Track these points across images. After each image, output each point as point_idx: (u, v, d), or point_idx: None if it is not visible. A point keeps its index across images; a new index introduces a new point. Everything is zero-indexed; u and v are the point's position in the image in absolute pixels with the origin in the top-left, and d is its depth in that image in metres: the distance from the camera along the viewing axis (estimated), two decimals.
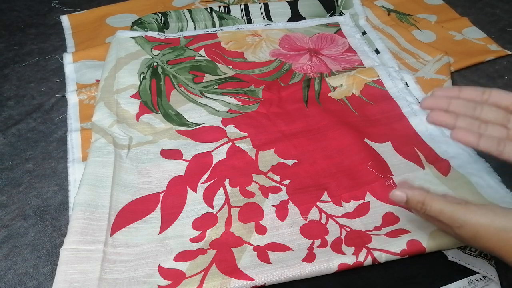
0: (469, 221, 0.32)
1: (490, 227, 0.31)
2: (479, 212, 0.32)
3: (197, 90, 0.63)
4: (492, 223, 0.31)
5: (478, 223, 0.32)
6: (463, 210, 0.33)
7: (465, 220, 0.32)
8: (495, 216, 0.32)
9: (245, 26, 0.75)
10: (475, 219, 0.32)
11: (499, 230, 0.31)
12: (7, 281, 0.44)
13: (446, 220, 0.34)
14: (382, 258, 0.42)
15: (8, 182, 0.53)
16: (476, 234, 0.32)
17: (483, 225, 0.32)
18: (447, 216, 0.34)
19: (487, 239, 0.32)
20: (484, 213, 0.32)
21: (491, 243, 0.32)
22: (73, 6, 0.84)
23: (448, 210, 0.33)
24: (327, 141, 0.55)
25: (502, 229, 0.31)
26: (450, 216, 0.33)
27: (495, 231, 0.31)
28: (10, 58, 0.72)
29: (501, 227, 0.31)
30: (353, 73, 0.65)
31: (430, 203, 0.34)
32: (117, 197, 0.48)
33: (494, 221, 0.31)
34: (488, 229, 0.32)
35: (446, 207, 0.34)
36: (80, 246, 0.43)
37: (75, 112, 0.60)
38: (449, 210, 0.33)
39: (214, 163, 0.53)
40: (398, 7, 0.82)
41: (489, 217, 0.32)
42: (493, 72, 0.68)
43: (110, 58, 0.66)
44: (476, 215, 0.32)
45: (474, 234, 0.32)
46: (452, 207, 0.33)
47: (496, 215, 0.32)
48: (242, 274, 0.41)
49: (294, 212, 0.48)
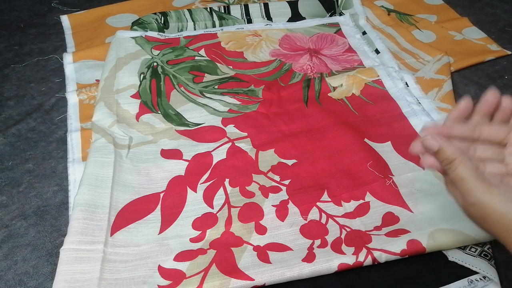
0: (484, 203, 0.31)
1: (503, 217, 0.30)
2: (497, 198, 0.31)
3: (197, 90, 0.63)
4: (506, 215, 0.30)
5: (492, 208, 0.31)
6: (483, 189, 0.31)
7: (480, 200, 0.31)
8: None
9: (245, 26, 0.75)
10: (490, 204, 0.31)
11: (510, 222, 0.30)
12: (7, 281, 0.44)
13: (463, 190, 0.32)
14: (382, 258, 0.42)
15: (8, 182, 0.53)
16: (485, 217, 0.31)
17: (496, 212, 0.30)
18: (465, 187, 0.32)
19: (496, 226, 0.31)
20: (502, 201, 0.30)
21: (498, 231, 0.31)
22: (73, 6, 0.84)
23: (469, 182, 0.31)
24: (327, 141, 0.55)
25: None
26: (468, 188, 0.32)
27: (506, 222, 0.30)
28: (10, 58, 0.72)
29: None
30: (353, 73, 0.65)
31: (457, 165, 0.32)
32: (117, 197, 0.48)
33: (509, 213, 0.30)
34: (500, 218, 0.30)
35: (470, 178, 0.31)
36: (80, 246, 0.43)
37: (75, 112, 0.60)
38: (470, 182, 0.31)
39: (214, 163, 0.53)
40: (398, 7, 0.82)
41: (506, 207, 0.30)
42: (493, 72, 0.68)
43: (110, 58, 0.66)
44: (493, 200, 0.31)
45: (484, 217, 0.31)
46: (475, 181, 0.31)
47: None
48: (242, 274, 0.41)
49: (294, 212, 0.48)
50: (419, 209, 0.47)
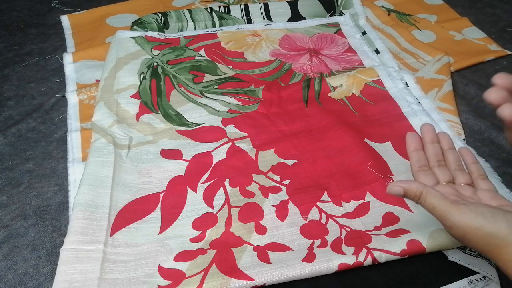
0: (458, 223, 0.33)
1: (478, 232, 0.32)
2: (469, 215, 0.32)
3: (197, 90, 0.63)
4: (481, 228, 0.32)
5: (467, 226, 0.32)
6: (454, 211, 0.33)
7: (455, 222, 0.33)
8: (485, 221, 0.32)
9: (245, 26, 0.75)
10: (464, 222, 0.32)
11: (487, 235, 0.32)
12: (7, 281, 0.44)
13: (438, 217, 0.34)
14: (382, 258, 0.42)
15: (8, 182, 0.53)
16: (464, 236, 0.33)
17: (471, 228, 0.32)
18: (438, 214, 0.34)
19: (475, 242, 0.33)
20: (474, 217, 0.32)
21: (479, 246, 0.33)
22: (73, 6, 0.84)
23: (440, 209, 0.34)
24: (327, 141, 0.55)
25: (489, 235, 0.31)
26: (441, 214, 0.34)
27: (482, 236, 0.32)
28: (10, 58, 0.72)
29: (488, 233, 0.31)
30: (353, 73, 0.65)
31: (425, 197, 0.35)
32: (117, 197, 0.48)
33: (483, 226, 0.32)
34: (476, 233, 0.32)
35: (439, 204, 0.34)
36: (80, 246, 0.43)
37: (75, 112, 0.60)
38: (441, 208, 0.34)
39: (214, 163, 0.53)
40: (398, 7, 0.82)
41: (479, 221, 0.32)
42: (493, 72, 0.67)
43: (110, 58, 0.66)
44: (466, 218, 0.32)
45: (463, 235, 0.33)
46: (444, 206, 0.33)
47: (486, 220, 0.32)
48: (242, 274, 0.41)
49: (294, 212, 0.48)
50: (419, 209, 0.47)
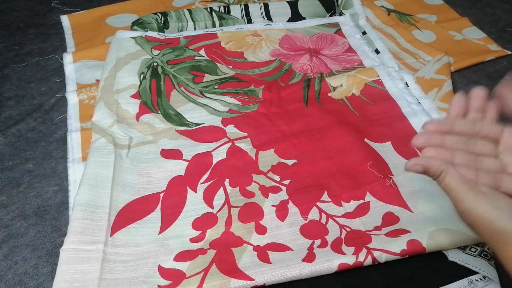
0: (472, 211, 0.32)
1: (490, 225, 0.31)
2: (484, 206, 0.32)
3: (197, 90, 0.63)
4: (493, 223, 0.31)
5: (479, 216, 0.32)
6: (470, 197, 0.32)
7: (468, 208, 0.32)
8: (499, 216, 0.31)
9: (245, 26, 0.75)
10: (478, 212, 0.32)
11: (498, 230, 0.31)
12: (7, 281, 0.44)
13: (452, 199, 0.33)
14: (382, 258, 0.42)
15: (8, 182, 0.53)
16: (475, 224, 0.32)
17: (483, 220, 0.31)
18: (454, 196, 0.33)
19: (483, 232, 0.32)
20: (489, 209, 0.31)
21: (486, 236, 0.32)
22: (73, 6, 0.84)
23: (457, 192, 0.33)
24: (327, 141, 0.55)
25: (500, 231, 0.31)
26: (457, 198, 0.33)
27: (493, 230, 0.31)
28: (10, 58, 0.72)
29: (500, 229, 0.31)
30: (353, 73, 0.65)
31: (444, 176, 0.33)
32: (117, 197, 0.48)
33: (495, 221, 0.31)
34: (487, 226, 0.31)
35: (457, 187, 0.33)
36: (80, 246, 0.43)
37: (75, 112, 0.60)
38: (457, 191, 0.33)
39: (214, 163, 0.53)
40: (398, 7, 0.82)
41: (492, 215, 0.31)
42: (493, 72, 0.68)
43: (110, 58, 0.66)
44: (480, 208, 0.32)
45: (473, 223, 0.32)
46: (462, 190, 0.33)
47: (500, 216, 0.31)
48: (242, 274, 0.41)
49: (294, 212, 0.48)
50: (419, 209, 0.47)
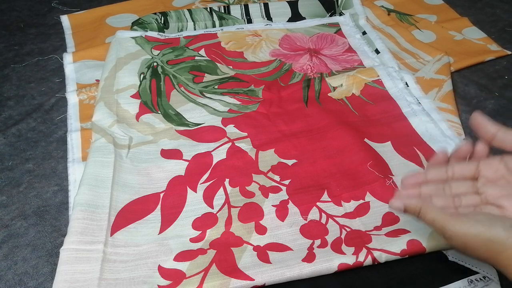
0: (458, 233, 0.34)
1: (478, 239, 0.33)
2: (467, 224, 0.34)
3: (197, 90, 0.63)
4: (479, 235, 0.33)
5: (466, 234, 0.33)
6: (452, 222, 0.34)
7: (454, 232, 0.34)
8: (482, 227, 0.33)
9: (245, 26, 0.75)
10: (463, 231, 0.34)
11: (486, 241, 0.32)
12: (7, 281, 0.44)
13: (438, 230, 0.35)
14: (382, 258, 0.42)
15: (8, 182, 0.53)
16: (465, 245, 0.34)
17: (471, 236, 0.33)
18: (438, 226, 0.35)
19: (475, 250, 0.33)
20: (472, 225, 0.33)
21: (480, 253, 0.33)
22: (73, 6, 0.84)
23: (440, 221, 0.35)
24: (327, 141, 0.55)
25: (489, 240, 0.32)
26: (441, 226, 0.35)
27: (482, 242, 0.33)
28: (10, 58, 0.72)
29: (486, 239, 0.32)
30: (353, 73, 0.65)
31: (424, 212, 0.36)
32: (117, 197, 0.48)
33: (480, 233, 0.33)
34: (476, 241, 0.33)
35: (438, 217, 0.35)
36: (80, 246, 0.43)
37: (75, 112, 0.60)
38: (440, 221, 0.35)
39: (214, 163, 0.53)
40: (398, 7, 0.82)
41: (476, 228, 0.33)
42: (493, 72, 0.68)
43: (110, 58, 0.66)
44: (464, 227, 0.34)
45: (464, 244, 0.34)
46: (443, 218, 0.35)
47: (483, 227, 0.33)
48: (242, 274, 0.41)
49: (294, 212, 0.48)
50: None
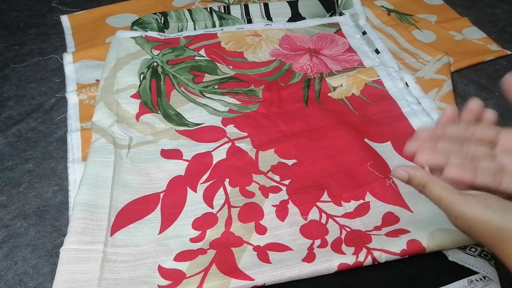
0: (465, 215, 0.32)
1: (486, 225, 0.31)
2: (476, 207, 0.31)
3: (197, 90, 0.63)
4: (488, 222, 0.31)
5: (474, 218, 0.31)
6: (460, 202, 0.32)
7: (461, 213, 0.32)
8: (493, 214, 0.31)
9: (245, 26, 0.75)
10: (471, 214, 0.31)
11: (495, 229, 0.30)
12: (7, 281, 0.44)
13: (443, 208, 0.33)
14: (382, 258, 0.42)
15: (8, 182, 0.53)
16: (471, 228, 0.32)
17: (479, 221, 0.31)
18: (444, 205, 0.33)
19: (482, 234, 0.31)
20: (482, 209, 0.31)
21: (485, 239, 0.31)
22: (73, 6, 0.84)
23: (446, 199, 0.33)
24: (327, 141, 0.55)
25: (497, 229, 0.30)
26: (447, 205, 0.33)
27: (490, 229, 0.31)
28: (10, 58, 0.72)
29: (496, 227, 0.30)
30: (353, 73, 0.65)
31: (431, 187, 0.34)
32: (117, 197, 0.48)
33: (490, 219, 0.31)
34: (484, 226, 0.31)
35: (446, 195, 0.33)
36: (80, 246, 0.43)
37: (75, 112, 0.60)
38: (447, 199, 0.33)
39: (214, 163, 0.53)
40: (398, 7, 0.82)
41: (487, 214, 0.31)
42: (493, 72, 0.68)
43: (110, 58, 0.66)
44: (473, 210, 0.31)
45: (469, 227, 0.32)
46: (451, 197, 0.32)
47: (494, 214, 0.31)
48: (242, 274, 0.41)
49: (294, 212, 0.48)
50: (419, 209, 0.47)
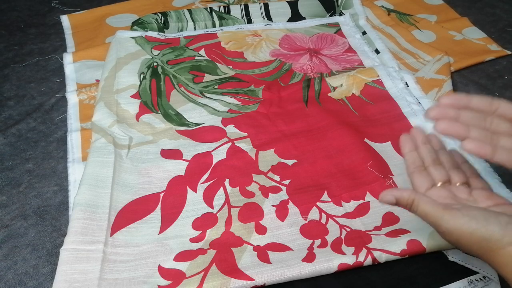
0: (451, 228, 0.33)
1: (472, 236, 0.32)
2: (461, 220, 0.32)
3: (197, 90, 0.63)
4: (474, 232, 0.32)
5: (460, 231, 0.32)
6: (446, 217, 0.33)
7: (448, 227, 0.33)
8: (477, 225, 0.32)
9: (245, 26, 0.75)
10: (457, 227, 0.32)
11: (481, 239, 0.31)
12: (7, 281, 0.44)
13: (431, 224, 0.34)
14: (382, 258, 0.42)
15: (8, 182, 0.53)
16: (458, 240, 0.33)
17: (465, 233, 0.32)
18: (431, 221, 0.34)
19: (470, 246, 0.33)
20: (466, 221, 0.32)
21: (474, 250, 0.33)
22: (73, 6, 0.84)
23: (433, 215, 0.33)
24: (327, 141, 0.55)
25: (483, 238, 0.31)
26: (435, 221, 0.33)
27: (476, 240, 0.32)
28: (10, 58, 0.72)
29: (482, 237, 0.31)
30: (353, 73, 0.65)
31: (417, 204, 0.34)
32: (117, 197, 0.48)
33: (476, 230, 0.32)
34: (470, 238, 0.32)
35: (432, 211, 0.34)
36: (80, 246, 0.43)
37: (75, 112, 0.60)
38: (433, 214, 0.33)
39: (214, 163, 0.53)
40: (398, 7, 0.82)
41: (471, 225, 0.32)
42: (493, 72, 0.68)
43: (110, 58, 0.66)
44: (458, 223, 0.32)
45: (457, 240, 0.33)
46: (437, 212, 0.33)
47: (478, 224, 0.32)
48: (242, 274, 0.41)
49: (294, 212, 0.48)
50: None
